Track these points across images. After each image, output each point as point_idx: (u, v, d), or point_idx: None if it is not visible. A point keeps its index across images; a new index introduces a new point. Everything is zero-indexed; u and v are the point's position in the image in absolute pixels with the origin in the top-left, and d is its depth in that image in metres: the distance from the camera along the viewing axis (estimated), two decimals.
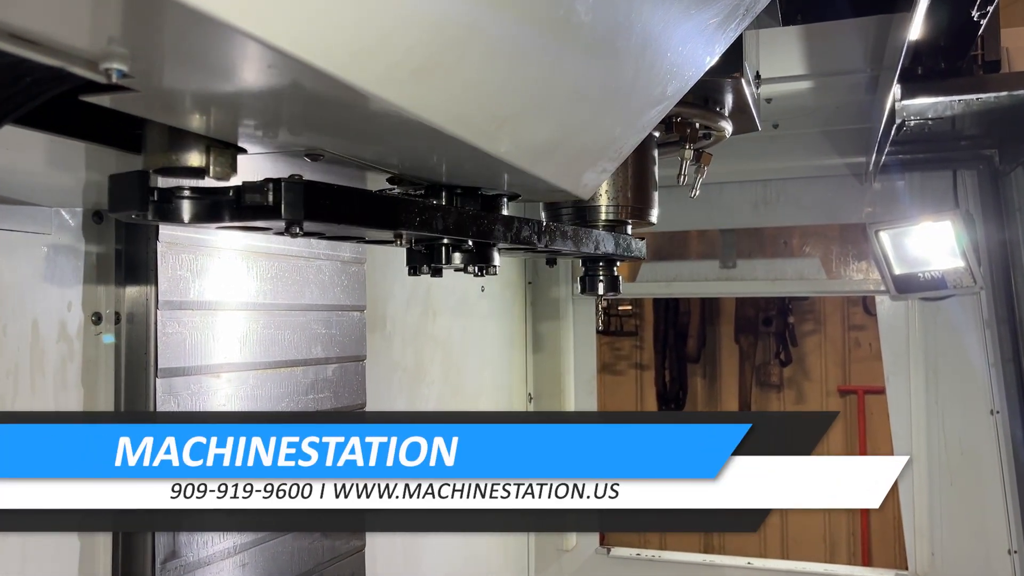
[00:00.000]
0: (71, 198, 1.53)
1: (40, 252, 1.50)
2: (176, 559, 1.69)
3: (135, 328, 1.67)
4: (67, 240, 1.55)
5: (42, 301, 1.50)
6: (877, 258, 3.26)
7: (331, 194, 1.02)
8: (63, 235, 1.54)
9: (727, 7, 1.23)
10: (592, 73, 1.08)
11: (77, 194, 1.53)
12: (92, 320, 1.60)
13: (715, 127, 1.69)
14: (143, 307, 1.67)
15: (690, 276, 3.70)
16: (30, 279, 1.47)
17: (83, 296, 1.58)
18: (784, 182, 3.45)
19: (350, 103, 0.80)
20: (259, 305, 1.95)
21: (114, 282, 1.64)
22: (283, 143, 1.01)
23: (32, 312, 1.48)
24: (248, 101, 0.81)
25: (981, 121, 3.04)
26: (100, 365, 1.62)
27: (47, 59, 0.65)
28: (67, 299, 1.55)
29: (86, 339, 1.59)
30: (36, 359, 1.48)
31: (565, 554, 3.75)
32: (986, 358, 3.18)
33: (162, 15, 0.59)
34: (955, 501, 3.26)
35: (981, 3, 1.81)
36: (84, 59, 0.66)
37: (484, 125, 0.98)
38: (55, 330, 1.52)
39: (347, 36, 0.68)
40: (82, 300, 1.58)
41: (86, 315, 1.59)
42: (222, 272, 1.84)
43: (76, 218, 1.57)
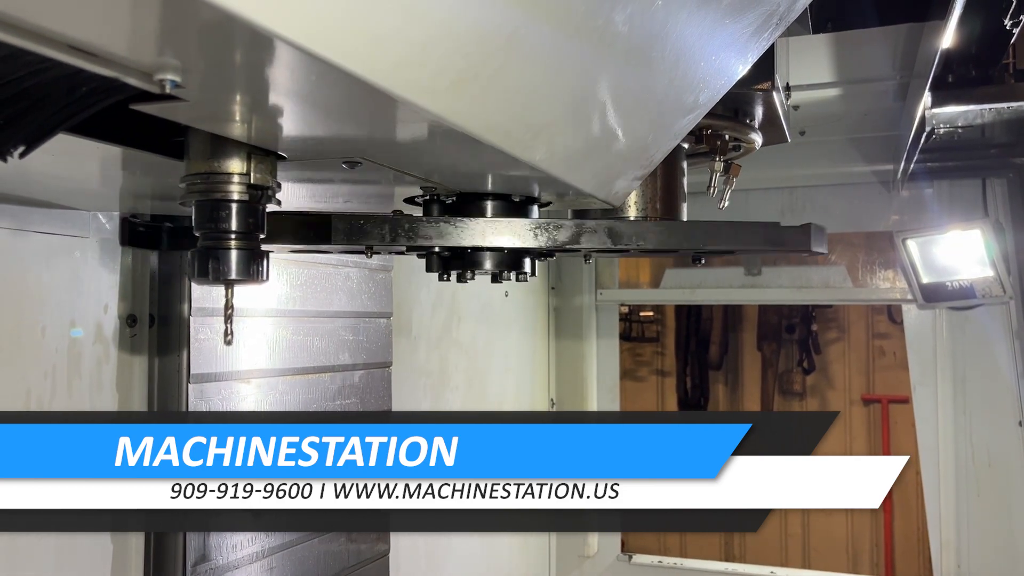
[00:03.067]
0: (108, 203, 1.55)
1: (79, 255, 1.52)
2: (206, 563, 1.71)
3: (168, 332, 1.69)
4: (104, 244, 1.57)
5: (80, 303, 1.52)
6: (904, 267, 3.23)
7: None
8: (100, 239, 1.57)
9: (761, 16, 1.23)
10: (627, 82, 1.08)
11: (114, 199, 1.55)
12: (127, 323, 1.62)
13: (745, 139, 1.69)
14: (176, 312, 1.69)
15: (715, 283, 3.69)
16: (69, 281, 1.50)
17: (119, 299, 1.60)
18: (811, 189, 3.44)
19: (390, 112, 0.81)
20: (289, 312, 1.97)
21: (148, 286, 1.66)
22: (322, 151, 1.02)
23: (70, 314, 1.50)
24: (292, 110, 0.82)
25: (1011, 129, 3.01)
26: (134, 368, 1.64)
27: (104, 70, 0.66)
28: (103, 302, 1.57)
29: (120, 341, 1.61)
30: (73, 361, 1.51)
31: (587, 560, 3.74)
32: (1015, 368, 3.15)
33: (216, 28, 0.61)
34: (982, 512, 3.23)
35: (1014, 11, 1.80)
36: (139, 70, 0.68)
37: (519, 134, 0.99)
38: (92, 332, 1.54)
39: (390, 47, 0.69)
40: (118, 303, 1.60)
41: (121, 318, 1.61)
42: None
43: (112, 222, 1.60)
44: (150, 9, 0.59)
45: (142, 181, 1.41)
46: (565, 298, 3.81)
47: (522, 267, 1.41)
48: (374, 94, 0.73)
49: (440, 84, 0.79)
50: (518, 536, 3.47)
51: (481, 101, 0.87)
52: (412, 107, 0.78)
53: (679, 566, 3.67)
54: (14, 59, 0.63)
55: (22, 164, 1.25)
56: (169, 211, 1.69)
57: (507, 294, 3.35)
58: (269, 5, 0.57)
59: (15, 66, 0.64)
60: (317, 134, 0.93)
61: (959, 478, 3.25)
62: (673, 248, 1.31)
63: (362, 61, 0.69)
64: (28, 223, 1.42)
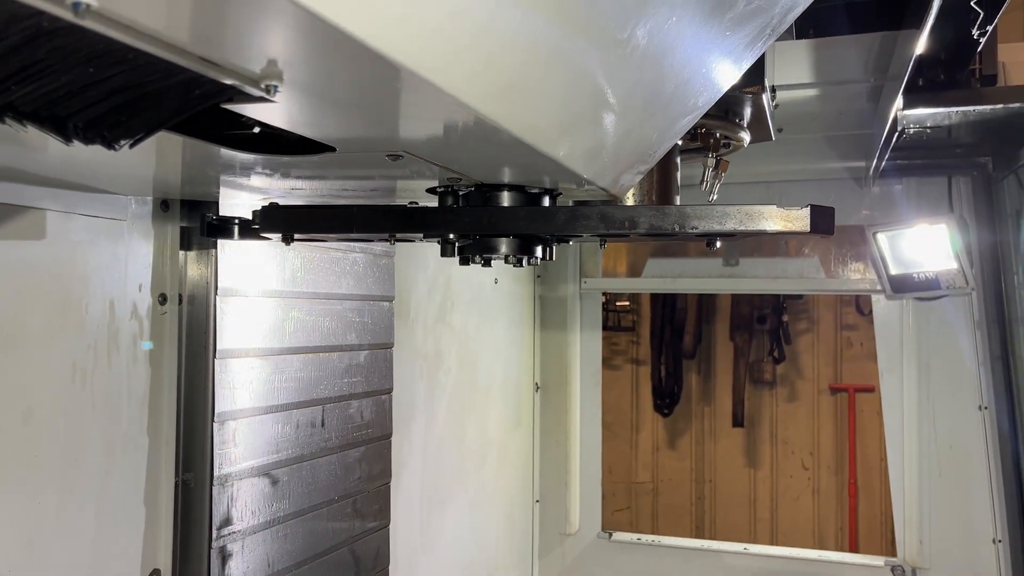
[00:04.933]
0: (143, 187, 1.65)
1: (117, 237, 1.62)
2: (229, 526, 1.83)
3: (195, 310, 1.80)
4: (140, 226, 1.68)
5: (118, 282, 1.62)
6: (874, 259, 3.41)
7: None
8: (136, 222, 1.67)
9: (757, 28, 1.37)
10: (640, 87, 1.21)
11: (148, 183, 1.66)
12: (159, 301, 1.73)
13: (735, 137, 1.83)
14: (203, 291, 1.80)
15: (694, 273, 3.85)
16: (109, 261, 1.60)
17: (152, 278, 1.71)
18: (787, 184, 3.60)
19: (451, 114, 0.93)
20: (303, 294, 2.08)
21: (178, 266, 1.77)
22: (372, 145, 1.14)
23: (110, 292, 1.61)
24: (366, 112, 0.94)
25: (976, 130, 3.19)
26: (165, 344, 1.75)
27: (223, 78, 0.78)
28: (138, 281, 1.68)
29: (154, 318, 1.72)
30: (112, 336, 1.61)
31: (568, 538, 3.89)
32: (976, 356, 3.34)
33: (322, 43, 0.73)
34: (943, 492, 3.42)
35: (981, 23, 1.96)
36: (251, 77, 0.80)
37: (549, 133, 1.12)
38: (128, 309, 1.65)
39: (465, 60, 0.82)
40: (151, 282, 1.71)
41: (154, 296, 1.72)
42: (272, 262, 1.97)
43: (146, 206, 1.70)
44: (271, 28, 0.71)
45: (180, 169, 1.51)
46: (551, 286, 3.95)
47: (534, 253, 1.54)
48: (445, 101, 0.85)
49: (493, 90, 0.92)
50: (504, 514, 3.61)
51: (522, 105, 1.00)
52: (471, 111, 0.91)
53: (657, 543, 3.83)
54: (152, 66, 0.75)
55: (75, 152, 1.36)
56: (195, 196, 1.79)
57: (496, 281, 3.48)
58: (375, 25, 0.69)
59: (150, 72, 0.76)
60: (379, 133, 1.05)
61: (922, 460, 3.44)
62: (687, 231, 1.42)
63: (444, 74, 0.81)
64: (75, 206, 1.52)
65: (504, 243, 1.50)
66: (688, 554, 3.77)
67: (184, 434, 1.79)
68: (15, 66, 0.73)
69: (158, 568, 1.74)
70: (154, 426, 1.73)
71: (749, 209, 1.39)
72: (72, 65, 0.74)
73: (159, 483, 1.74)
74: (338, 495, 2.24)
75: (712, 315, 7.43)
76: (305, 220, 1.51)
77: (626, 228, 1.41)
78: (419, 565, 2.82)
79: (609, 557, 3.85)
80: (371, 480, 2.39)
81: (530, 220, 1.42)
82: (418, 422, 2.82)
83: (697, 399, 7.52)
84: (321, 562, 2.16)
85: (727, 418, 7.39)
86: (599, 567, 3.85)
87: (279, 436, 1.99)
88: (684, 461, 7.56)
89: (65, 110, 0.81)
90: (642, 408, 7.56)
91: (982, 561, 3.31)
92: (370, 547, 2.40)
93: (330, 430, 2.19)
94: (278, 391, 1.99)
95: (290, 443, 2.03)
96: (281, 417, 2.00)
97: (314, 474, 2.13)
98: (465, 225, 1.41)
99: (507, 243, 1.50)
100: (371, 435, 2.38)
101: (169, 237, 1.76)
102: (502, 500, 3.61)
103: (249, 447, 1.89)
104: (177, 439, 1.77)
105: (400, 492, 2.64)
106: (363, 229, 1.43)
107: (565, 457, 3.91)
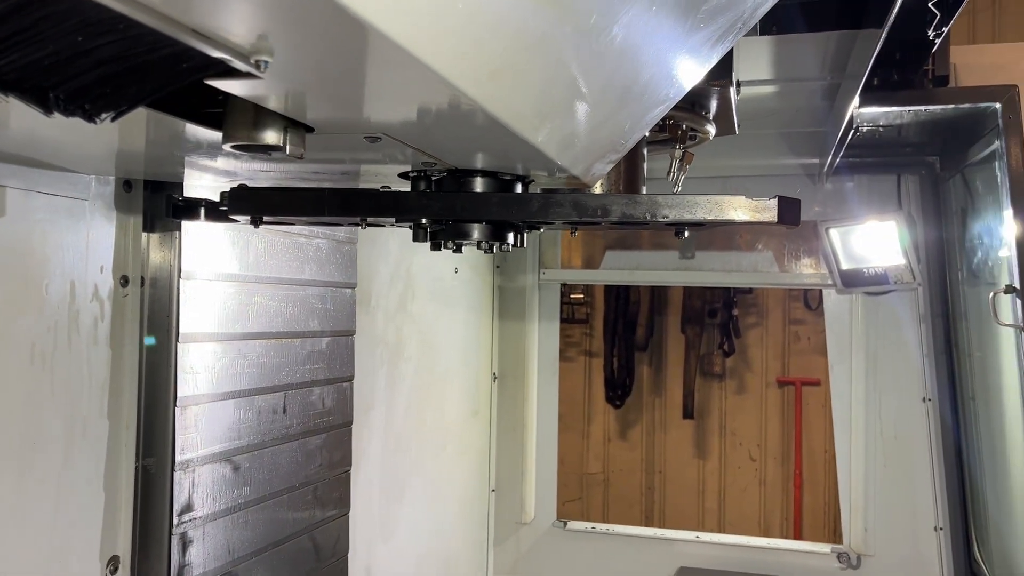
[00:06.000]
0: (105, 166, 1.62)
1: (79, 217, 1.59)
2: (190, 512, 1.80)
3: (157, 293, 1.77)
4: (101, 207, 1.64)
5: (79, 263, 1.59)
6: (826, 254, 3.49)
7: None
8: (98, 202, 1.64)
9: (728, 22, 1.39)
10: (618, 76, 1.23)
11: (111, 162, 1.62)
12: (120, 283, 1.70)
13: (701, 130, 1.86)
14: (166, 274, 1.77)
15: (651, 265, 3.90)
16: (70, 241, 1.57)
17: (113, 260, 1.68)
18: (743, 179, 3.65)
19: (439, 97, 0.94)
20: (266, 279, 2.06)
21: (140, 248, 1.74)
22: (351, 127, 1.13)
23: (70, 273, 1.57)
24: (352, 91, 0.94)
25: (924, 130, 3.28)
26: (126, 327, 1.72)
27: (213, 51, 0.77)
28: (100, 262, 1.64)
29: (115, 301, 1.68)
30: (73, 318, 1.58)
31: (523, 527, 3.92)
32: (921, 349, 3.45)
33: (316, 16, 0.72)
34: (888, 481, 3.53)
35: (937, 24, 2.02)
36: (240, 52, 0.79)
37: (532, 119, 1.13)
38: (89, 291, 1.62)
39: (457, 43, 0.82)
40: (112, 264, 1.67)
41: (115, 278, 1.68)
42: (236, 246, 1.94)
43: (108, 186, 1.67)
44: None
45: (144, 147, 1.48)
46: (509, 276, 3.96)
47: (506, 239, 1.54)
48: (434, 82, 0.86)
49: (483, 75, 0.92)
50: (460, 504, 3.62)
51: (509, 90, 1.01)
52: (460, 93, 0.91)
53: (612, 532, 3.88)
54: (142, 38, 0.74)
55: (37, 127, 1.33)
56: (159, 176, 1.76)
57: (457, 271, 3.48)
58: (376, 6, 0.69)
59: (139, 43, 0.75)
60: (362, 114, 1.05)
61: (868, 449, 3.54)
62: (658, 220, 1.44)
63: (435, 55, 0.81)
64: (36, 184, 1.49)
65: (477, 229, 1.51)
66: (641, 542, 3.82)
67: (145, 419, 1.76)
68: (2, 34, 0.71)
69: (117, 554, 1.71)
70: (114, 410, 1.70)
71: (719, 199, 1.42)
72: (62, 34, 0.72)
73: (119, 468, 1.71)
74: (299, 482, 2.22)
75: (664, 308, 7.52)
76: (276, 203, 1.50)
77: (599, 216, 1.43)
78: (377, 553, 2.82)
79: (564, 546, 3.89)
80: (331, 467, 2.38)
81: (504, 206, 1.43)
82: (378, 410, 2.81)
83: (648, 391, 7.61)
84: (281, 549, 2.14)
85: (677, 409, 7.50)
86: (554, 556, 3.89)
87: (241, 422, 1.97)
88: (635, 452, 7.65)
89: (49, 80, 0.80)
90: (594, 399, 7.63)
91: (924, 548, 3.42)
92: (330, 535, 2.39)
93: (291, 417, 2.18)
94: (240, 376, 1.96)
95: (252, 429, 2.01)
96: (243, 403, 1.98)
97: (275, 461, 2.11)
98: (439, 210, 1.41)
99: (479, 229, 1.51)
100: (332, 422, 2.37)
101: (131, 218, 1.72)
102: (459, 489, 3.62)
103: (211, 433, 1.87)
104: (138, 424, 1.75)
105: (359, 480, 2.63)
106: (336, 213, 1.42)
107: (521, 446, 3.93)
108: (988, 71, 2.74)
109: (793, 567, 3.59)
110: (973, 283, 3.24)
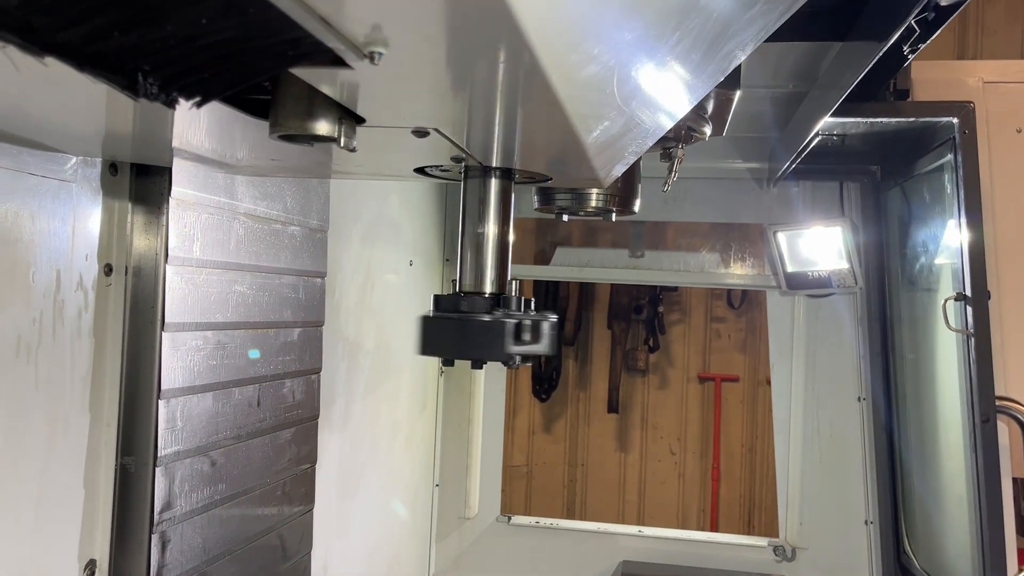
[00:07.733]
0: (92, 147, 1.53)
1: (65, 200, 1.49)
2: (170, 510, 1.72)
3: (142, 282, 1.68)
4: (87, 190, 1.55)
5: (65, 250, 1.49)
6: (772, 256, 3.59)
7: None
8: (84, 185, 1.54)
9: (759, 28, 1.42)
10: (659, 87, 1.23)
11: (97, 143, 1.53)
12: (104, 271, 1.60)
13: (699, 130, 1.89)
14: (151, 262, 1.68)
15: (601, 263, 3.93)
16: (56, 227, 1.47)
17: (98, 247, 1.58)
18: (692, 181, 3.73)
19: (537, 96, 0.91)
20: (246, 266, 1.98)
21: (126, 234, 1.65)
22: (407, 119, 1.10)
23: (56, 261, 1.47)
24: (443, 89, 0.91)
25: (868, 140, 3.41)
26: (108, 317, 1.62)
27: (329, 40, 0.73)
28: (85, 250, 1.55)
29: (99, 290, 1.59)
30: (58, 309, 1.48)
31: (467, 522, 3.91)
32: (858, 350, 3.59)
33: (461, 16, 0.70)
34: (822, 477, 3.67)
35: (914, 41, 2.09)
36: (354, 43, 0.75)
37: (589, 121, 1.12)
38: (75, 280, 1.52)
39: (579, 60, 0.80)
40: (97, 251, 1.58)
41: (100, 266, 1.59)
42: (222, 232, 1.86)
43: (94, 168, 1.57)
44: None
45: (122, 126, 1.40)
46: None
47: None
48: (540, 79, 0.83)
49: (577, 77, 0.91)
50: (408, 499, 3.58)
51: (583, 88, 0.99)
52: (554, 96, 0.89)
53: (556, 526, 3.91)
54: (267, 22, 0.69)
55: (22, 100, 1.23)
56: (146, 160, 1.67)
57: (411, 263, 3.43)
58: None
59: (261, 28, 0.70)
60: (439, 110, 1.02)
61: (805, 446, 3.67)
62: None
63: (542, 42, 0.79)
64: (24, 165, 1.39)
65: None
66: (585, 536, 3.86)
67: (125, 413, 1.66)
68: (124, 15, 0.66)
69: (94, 558, 1.62)
70: (96, 406, 1.60)
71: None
72: (186, 15, 0.67)
73: (98, 467, 1.62)
74: (270, 478, 2.15)
75: (592, 303, 7.61)
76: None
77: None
78: (333, 549, 2.76)
79: (507, 540, 3.89)
80: (299, 462, 2.31)
81: None
82: (338, 404, 2.75)
83: (574, 385, 7.70)
84: (252, 547, 2.07)
85: (602, 404, 7.61)
86: (496, 550, 3.89)
87: (219, 415, 1.89)
88: (558, 445, 7.73)
89: (148, 63, 0.74)
90: (520, 392, 7.67)
91: (855, 541, 3.57)
92: (295, 531, 2.32)
93: (265, 410, 2.10)
94: (220, 368, 1.88)
95: (229, 423, 1.93)
96: (221, 395, 1.90)
97: (249, 456, 2.04)
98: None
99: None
100: (301, 416, 2.30)
101: (117, 203, 1.63)
102: (406, 484, 3.58)
103: (191, 427, 1.78)
104: (119, 418, 1.65)
105: (320, 475, 2.56)
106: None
107: (467, 441, 3.91)
108: (940, 86, 2.87)
109: (731, 560, 3.70)
110: (910, 288, 3.39)
